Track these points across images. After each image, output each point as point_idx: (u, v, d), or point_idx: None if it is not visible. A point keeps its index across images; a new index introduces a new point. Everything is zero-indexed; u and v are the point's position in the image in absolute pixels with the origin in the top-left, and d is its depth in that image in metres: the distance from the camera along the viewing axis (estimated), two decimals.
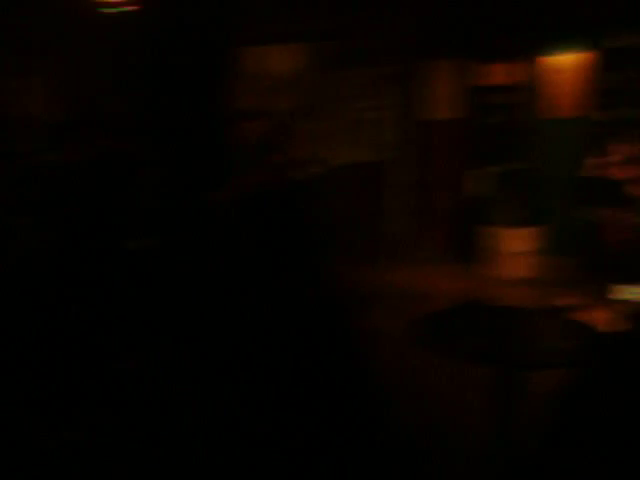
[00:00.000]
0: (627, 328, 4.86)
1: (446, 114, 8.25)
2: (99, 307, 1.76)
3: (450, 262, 8.01)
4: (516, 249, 7.33)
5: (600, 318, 5.63)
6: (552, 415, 1.50)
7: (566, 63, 8.00)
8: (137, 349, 1.71)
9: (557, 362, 2.55)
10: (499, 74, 8.08)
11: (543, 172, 7.81)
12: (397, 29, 7.77)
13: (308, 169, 6.56)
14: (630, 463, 1.35)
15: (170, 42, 4.36)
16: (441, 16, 7.91)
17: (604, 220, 6.70)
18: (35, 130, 6.62)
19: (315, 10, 7.35)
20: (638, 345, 1.45)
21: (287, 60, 10.00)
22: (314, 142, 7.39)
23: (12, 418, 1.62)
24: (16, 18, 6.54)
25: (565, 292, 2.58)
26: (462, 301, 2.71)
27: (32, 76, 7.29)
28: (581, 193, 6.65)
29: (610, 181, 6.67)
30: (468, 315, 2.69)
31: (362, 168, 8.26)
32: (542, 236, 7.66)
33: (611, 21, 7.63)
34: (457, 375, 4.54)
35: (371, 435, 1.69)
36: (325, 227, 7.16)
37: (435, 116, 8.28)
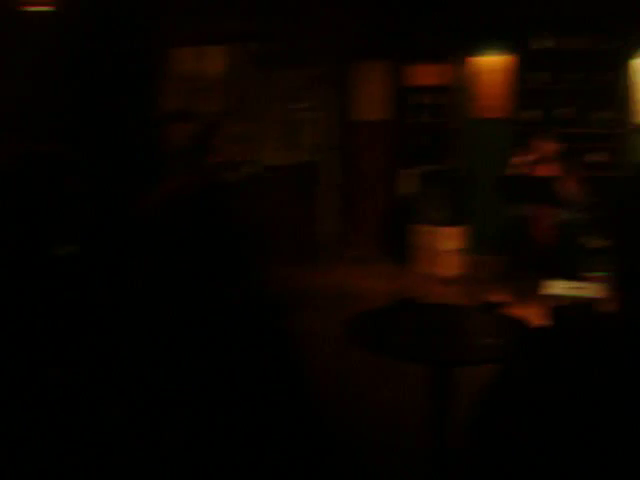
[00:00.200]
0: (551, 322, 4.97)
1: (377, 115, 8.31)
2: (27, 314, 1.72)
3: (382, 262, 8.07)
4: (446, 247, 7.43)
5: (530, 313, 5.75)
6: (474, 411, 1.52)
7: (492, 64, 8.15)
8: (62, 357, 1.67)
9: (489, 358, 2.59)
10: (428, 75, 8.18)
11: (471, 171, 7.93)
12: (329, 30, 7.80)
13: (241, 170, 6.53)
14: (549, 457, 1.37)
15: (95, 43, 4.30)
16: (372, 18, 7.96)
17: (531, 217, 6.84)
18: None
19: (247, 10, 7.32)
20: (558, 339, 1.48)
21: (218, 61, 9.93)
22: (247, 143, 7.36)
23: None
24: None
25: (495, 289, 2.63)
26: (394, 300, 2.73)
27: None
28: (507, 191, 6.77)
29: (535, 179, 6.81)
30: (400, 314, 2.72)
31: (295, 169, 8.27)
32: (471, 234, 7.78)
33: (534, 23, 7.80)
34: (392, 374, 4.58)
35: (304, 436, 1.69)
36: (257, 229, 7.15)
37: (367, 117, 8.34)
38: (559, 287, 5.15)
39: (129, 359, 1.59)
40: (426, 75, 8.20)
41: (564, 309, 4.98)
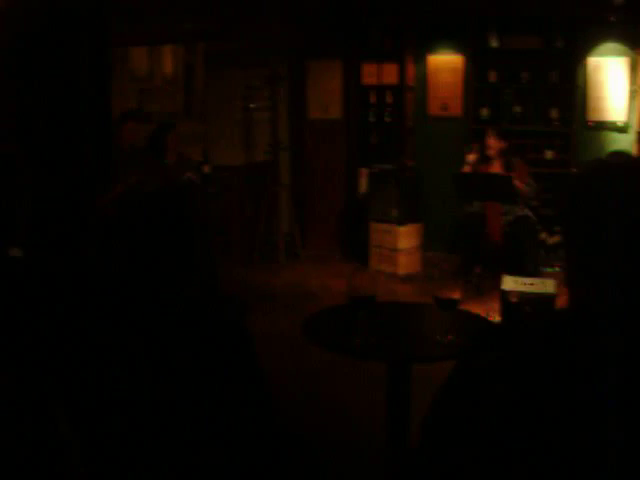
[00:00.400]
0: (506, 319, 5.03)
1: (332, 113, 8.32)
2: None
3: (339, 260, 8.10)
4: (402, 246, 7.47)
5: (486, 310, 5.81)
6: (429, 408, 1.53)
7: (446, 63, 8.21)
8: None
9: (446, 355, 2.62)
10: (383, 74, 8.21)
11: (426, 169, 7.99)
12: (283, 29, 7.79)
13: (195, 171, 6.49)
14: (504, 452, 1.38)
15: (43, 42, 4.22)
16: (326, 16, 7.97)
17: (485, 214, 6.91)
18: None
19: (199, 9, 7.27)
20: (512, 335, 1.49)
21: (172, 60, 9.86)
22: (201, 143, 7.32)
23: None
24: None
25: (451, 286, 2.67)
26: (351, 299, 2.73)
27: None
28: (461, 189, 6.83)
29: (488, 176, 6.89)
30: (358, 312, 2.72)
31: (250, 168, 8.24)
32: (427, 232, 7.83)
33: (487, 23, 7.88)
34: (351, 372, 4.59)
35: (263, 434, 1.69)
36: (212, 229, 7.11)
37: (321, 115, 8.35)
38: (514, 283, 5.20)
39: (81, 362, 1.57)
40: (380, 74, 8.23)
41: (518, 305, 5.04)
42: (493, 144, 6.95)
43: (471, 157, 7.01)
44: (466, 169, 6.99)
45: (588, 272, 1.41)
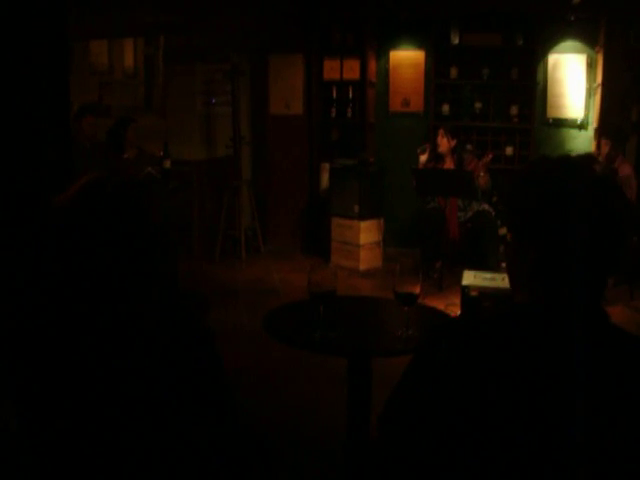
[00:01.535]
0: (465, 312, 5.08)
1: (294, 108, 8.31)
2: None
3: (301, 255, 8.10)
4: (363, 241, 7.49)
5: (446, 304, 5.86)
6: (386, 401, 1.53)
7: (407, 59, 8.25)
8: None
9: (406, 349, 2.63)
10: (344, 69, 8.21)
11: (387, 165, 8.01)
12: (244, 23, 7.75)
13: (156, 165, 6.44)
14: (459, 445, 1.40)
15: None
16: (288, 10, 7.95)
17: (444, 210, 6.96)
18: None
19: (160, 2, 7.21)
20: (471, 329, 1.50)
21: (132, 54, 9.77)
22: (162, 138, 7.26)
23: None
24: None
25: (411, 281, 2.68)
26: (312, 293, 2.73)
27: None
28: (421, 184, 6.87)
29: (446, 172, 6.94)
30: (318, 307, 2.72)
31: (212, 163, 8.20)
32: (387, 227, 7.87)
33: (448, 20, 7.92)
34: (312, 367, 4.60)
35: (224, 432, 1.68)
36: (173, 225, 7.06)
37: (283, 111, 8.33)
38: (474, 278, 5.25)
39: (38, 364, 1.55)
40: (342, 69, 8.23)
41: (478, 300, 5.09)
42: (443, 143, 7.03)
43: (423, 157, 7.07)
44: (434, 165, 7.04)
45: (538, 267, 1.43)
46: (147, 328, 1.59)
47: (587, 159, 1.50)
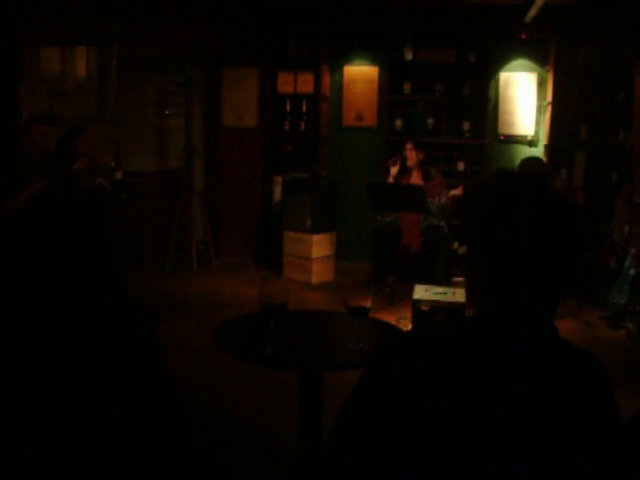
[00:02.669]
0: (416, 326, 5.10)
1: (247, 121, 8.29)
2: None
3: (253, 268, 8.06)
4: (315, 254, 7.49)
5: (398, 318, 5.88)
6: (337, 416, 1.52)
7: (361, 74, 8.29)
8: None
9: (357, 363, 2.62)
10: (298, 83, 8.22)
11: (340, 179, 8.03)
12: (198, 35, 7.72)
13: (107, 176, 6.36)
14: (409, 459, 1.39)
15: None
16: (242, 24, 7.94)
17: (398, 224, 7.00)
18: None
19: (114, 12, 7.14)
20: (421, 343, 1.50)
21: (84, 63, 9.66)
22: (114, 148, 7.17)
23: None
24: None
25: (363, 295, 2.68)
26: (263, 307, 2.71)
27: None
28: (374, 199, 6.89)
29: (401, 187, 6.98)
30: (269, 320, 2.71)
31: (165, 175, 8.14)
32: (340, 241, 7.88)
33: (402, 36, 8.00)
34: (263, 381, 4.56)
35: (172, 446, 1.65)
36: (124, 236, 6.98)
37: (237, 123, 8.30)
38: (425, 292, 5.28)
39: None
40: (296, 83, 8.24)
41: (429, 314, 5.12)
42: (412, 156, 7.06)
43: (394, 170, 7.09)
44: (390, 180, 7.05)
45: (489, 282, 1.43)
46: (94, 338, 1.56)
47: (544, 176, 1.53)
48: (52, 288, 1.52)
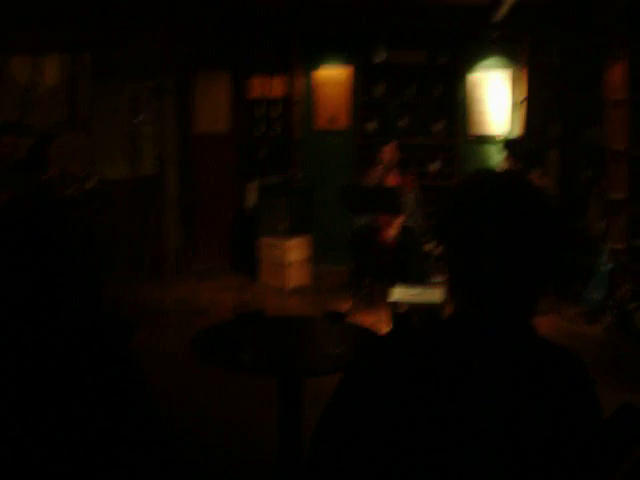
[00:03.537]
0: (393, 329, 5.09)
1: (219, 127, 8.25)
2: None
3: (229, 275, 8.01)
4: (291, 259, 7.46)
5: (376, 321, 5.87)
6: (318, 421, 1.51)
7: (333, 77, 8.28)
8: None
9: (336, 367, 2.60)
10: (270, 87, 8.20)
11: (314, 182, 8.01)
12: (168, 41, 7.67)
13: (79, 185, 6.30)
14: (389, 463, 1.38)
15: None
16: (212, 29, 7.90)
17: (374, 226, 6.99)
18: None
19: (83, 19, 7.08)
20: (398, 345, 1.49)
21: (54, 70, 9.57)
22: (85, 157, 7.12)
23: None
24: None
25: (341, 298, 2.65)
26: (240, 314, 2.69)
27: None
28: (350, 201, 6.88)
29: (376, 188, 6.97)
30: (247, 327, 2.68)
31: (139, 182, 8.07)
32: (316, 245, 7.85)
33: (373, 37, 8.00)
34: (242, 388, 4.53)
35: (150, 457, 1.62)
36: (99, 245, 6.91)
37: (208, 129, 8.26)
38: (403, 294, 5.28)
39: None
40: (268, 87, 8.21)
41: (407, 315, 5.12)
42: (395, 155, 7.02)
43: (378, 169, 7.05)
44: (374, 181, 7.00)
45: (463, 282, 1.42)
46: (62, 352, 1.53)
47: (515, 176, 1.52)
48: (12, 300, 1.50)
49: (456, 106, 7.97)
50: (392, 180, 7.04)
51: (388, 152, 7.04)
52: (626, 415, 1.93)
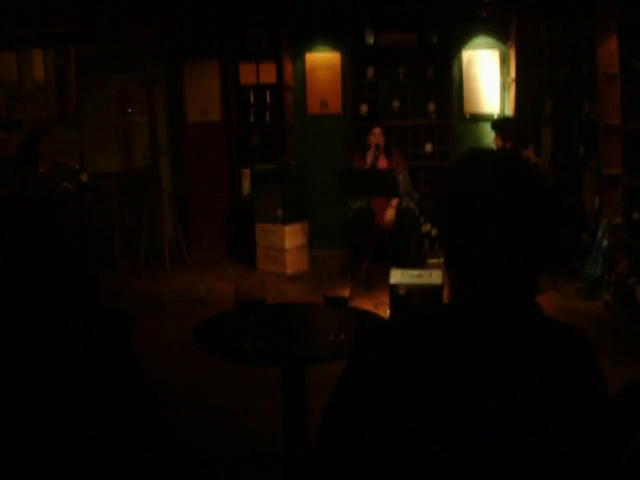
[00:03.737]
0: (395, 311, 5.09)
1: (212, 115, 8.21)
2: None
3: (227, 263, 8.00)
4: (288, 245, 7.44)
5: (376, 304, 5.86)
6: (325, 408, 1.50)
7: (324, 61, 8.24)
8: None
9: (339, 354, 2.59)
10: (261, 73, 8.14)
11: (308, 167, 7.98)
12: (157, 30, 7.62)
13: (72, 179, 6.27)
14: (399, 447, 1.37)
15: None
16: (201, 16, 7.85)
17: (370, 209, 6.98)
18: None
19: (69, 11, 7.02)
20: (399, 331, 1.48)
21: (42, 65, 9.51)
22: (77, 151, 7.07)
23: None
24: None
25: (340, 283, 2.65)
26: (240, 303, 2.67)
27: None
28: (345, 185, 6.86)
29: (370, 171, 6.95)
30: (247, 317, 2.66)
31: (132, 174, 8.04)
32: (313, 230, 7.84)
33: (363, 20, 7.96)
34: (246, 378, 4.52)
35: (153, 449, 1.62)
36: (94, 239, 6.89)
37: (200, 118, 8.22)
38: (401, 276, 5.26)
39: None
40: (259, 73, 8.16)
41: (407, 298, 5.11)
42: (382, 139, 7.02)
43: (370, 153, 7.03)
44: (367, 164, 6.98)
45: (462, 266, 1.41)
46: (63, 349, 1.51)
47: (508, 154, 1.50)
48: (7, 298, 1.49)
49: (449, 86, 7.94)
50: (381, 163, 7.03)
51: (375, 135, 7.04)
52: (632, 394, 1.92)
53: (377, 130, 7.04)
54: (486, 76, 7.90)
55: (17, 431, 1.46)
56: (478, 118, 7.99)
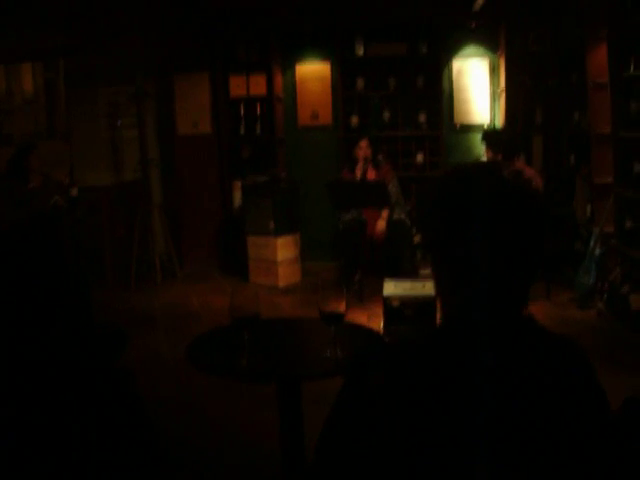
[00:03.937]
0: (388, 323, 5.07)
1: (203, 127, 8.19)
2: None
3: (219, 277, 7.97)
4: (281, 257, 7.42)
5: (370, 316, 5.84)
6: (323, 427, 1.49)
7: (314, 73, 8.24)
8: None
9: (335, 370, 2.56)
10: (251, 85, 8.14)
11: (300, 179, 7.97)
12: (146, 43, 7.60)
13: (63, 193, 6.24)
14: (396, 463, 1.36)
15: None
16: (191, 29, 7.84)
17: (362, 221, 6.97)
18: None
19: (59, 25, 7.00)
20: (394, 351, 1.47)
21: (31, 79, 9.49)
22: (67, 165, 7.05)
23: None
24: None
25: (333, 295, 2.62)
26: (234, 319, 2.64)
27: None
28: (336, 197, 6.85)
29: (360, 183, 6.95)
30: (242, 332, 2.63)
31: (122, 188, 8.00)
32: (305, 242, 7.81)
33: (353, 31, 7.96)
34: (241, 394, 4.48)
35: (145, 465, 1.60)
36: (85, 254, 6.85)
37: (191, 131, 8.20)
38: (395, 288, 5.25)
39: None
40: (249, 86, 8.15)
41: (400, 309, 5.09)
42: (369, 152, 7.03)
43: (360, 165, 7.03)
44: (359, 177, 6.98)
45: (450, 278, 1.40)
46: (57, 364, 1.50)
47: (494, 167, 1.50)
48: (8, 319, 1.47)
49: (439, 96, 7.95)
50: (370, 174, 7.04)
51: (362, 148, 7.05)
52: (632, 409, 1.91)
53: (363, 143, 7.06)
54: (476, 86, 7.92)
55: (12, 446, 1.44)
56: (468, 129, 8.00)
